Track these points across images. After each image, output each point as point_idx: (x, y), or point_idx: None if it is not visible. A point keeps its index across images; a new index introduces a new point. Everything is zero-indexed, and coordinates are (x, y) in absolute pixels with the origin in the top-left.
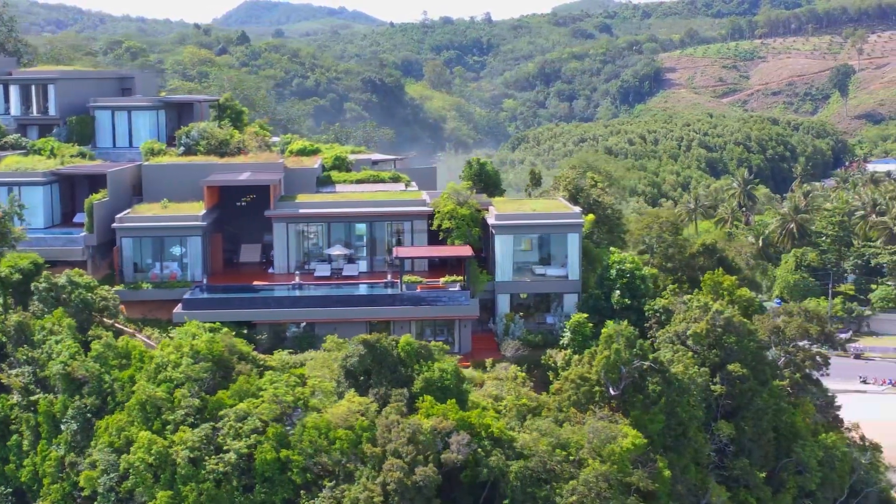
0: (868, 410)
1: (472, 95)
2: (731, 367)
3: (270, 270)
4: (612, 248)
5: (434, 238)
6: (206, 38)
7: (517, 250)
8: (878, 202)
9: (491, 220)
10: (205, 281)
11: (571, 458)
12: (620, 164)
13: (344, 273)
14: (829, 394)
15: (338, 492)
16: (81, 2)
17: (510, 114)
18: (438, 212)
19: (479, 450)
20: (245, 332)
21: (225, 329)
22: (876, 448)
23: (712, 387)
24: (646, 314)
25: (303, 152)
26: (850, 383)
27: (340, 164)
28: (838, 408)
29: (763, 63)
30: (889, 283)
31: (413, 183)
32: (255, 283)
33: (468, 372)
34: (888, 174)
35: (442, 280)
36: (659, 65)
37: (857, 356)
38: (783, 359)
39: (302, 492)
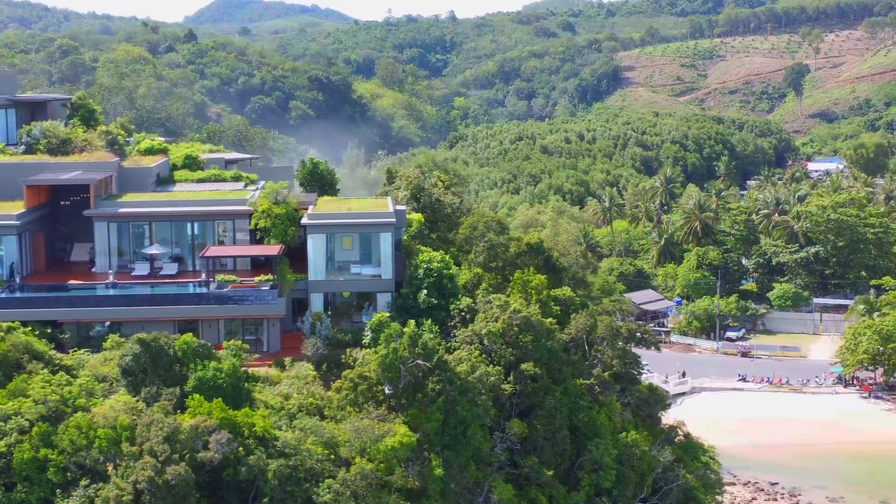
0: (739, 408)
1: (422, 94)
2: (524, 366)
3: (93, 270)
4: (421, 248)
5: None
6: (153, 36)
7: (340, 249)
8: (780, 201)
9: (304, 220)
10: (17, 280)
11: (334, 457)
12: (463, 165)
13: (162, 272)
14: (661, 391)
15: (91, 490)
16: None
17: (462, 112)
18: (255, 211)
19: (240, 448)
20: (49, 331)
21: (24, 328)
22: (697, 446)
23: (503, 385)
24: (451, 313)
25: (150, 151)
26: (728, 381)
27: (191, 164)
28: (665, 406)
29: (722, 62)
30: (788, 281)
31: (259, 182)
32: (71, 281)
33: (263, 371)
34: (827, 172)
35: (256, 279)
36: (617, 63)
37: (745, 354)
38: (598, 357)
39: (58, 491)
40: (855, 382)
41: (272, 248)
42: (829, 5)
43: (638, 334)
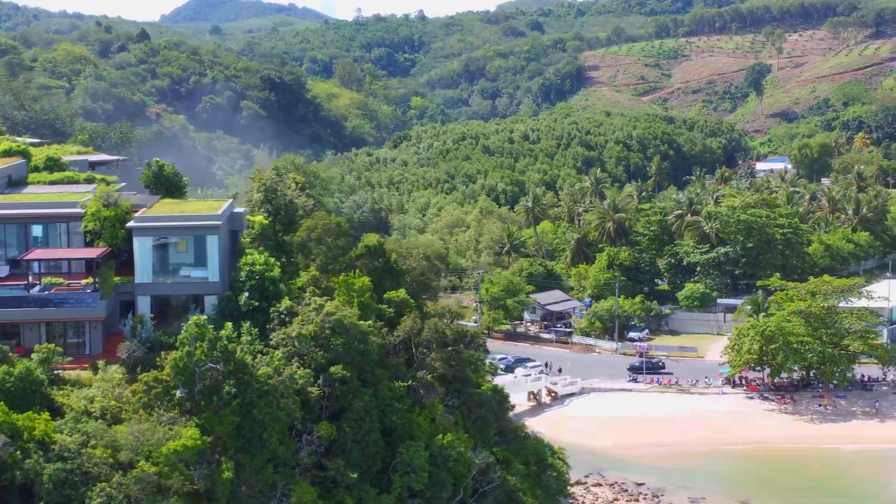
0: (625, 408)
1: (379, 94)
2: (332, 368)
3: None
4: (248, 250)
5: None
6: (106, 35)
7: (174, 252)
8: (693, 201)
9: (130, 223)
10: None
11: (112, 460)
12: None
13: None
14: (504, 393)
15: None
16: None
17: (419, 111)
18: (85, 213)
19: (18, 452)
20: None
21: None
22: (539, 447)
23: (311, 389)
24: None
25: (7, 153)
26: (618, 381)
27: (52, 165)
28: (508, 407)
29: (686, 61)
30: (699, 281)
31: (123, 184)
32: None
33: (75, 374)
34: (771, 172)
35: (83, 282)
36: (582, 63)
37: (642, 355)
38: (423, 360)
39: None
40: (743, 383)
41: (94, 251)
42: (793, 5)
43: (467, 337)
